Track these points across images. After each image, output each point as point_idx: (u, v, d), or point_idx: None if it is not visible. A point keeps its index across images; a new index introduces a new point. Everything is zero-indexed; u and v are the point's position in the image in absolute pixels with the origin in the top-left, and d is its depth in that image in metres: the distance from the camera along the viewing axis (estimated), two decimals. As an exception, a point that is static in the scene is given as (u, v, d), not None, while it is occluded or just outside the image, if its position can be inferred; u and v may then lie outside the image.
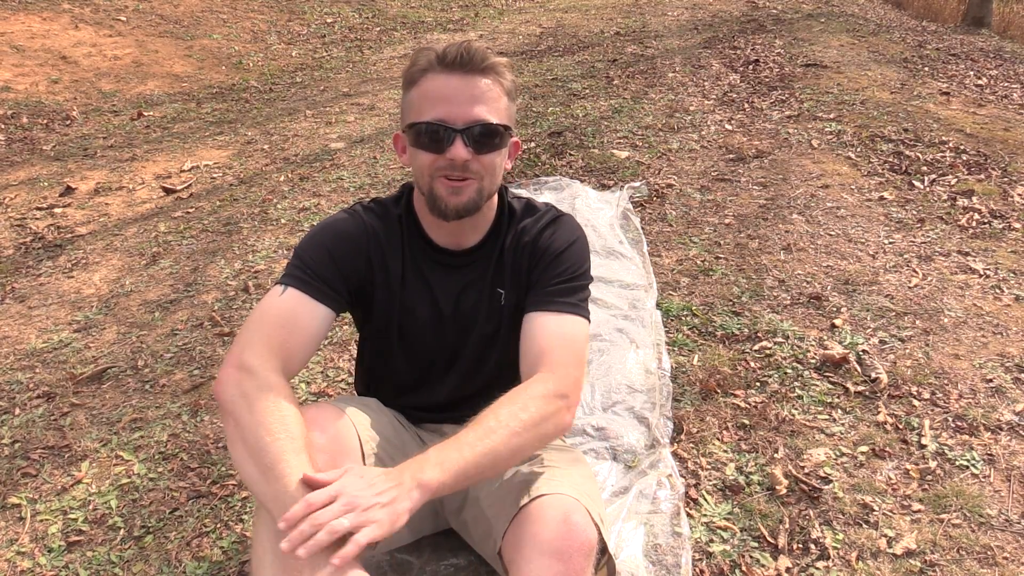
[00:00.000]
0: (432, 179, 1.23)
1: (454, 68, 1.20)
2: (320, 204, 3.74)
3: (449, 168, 1.21)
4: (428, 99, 1.21)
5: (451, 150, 1.19)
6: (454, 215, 1.25)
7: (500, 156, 1.25)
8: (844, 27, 7.51)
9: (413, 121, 1.23)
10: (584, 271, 1.35)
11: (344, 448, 1.21)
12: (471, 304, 1.37)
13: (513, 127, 1.28)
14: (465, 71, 1.20)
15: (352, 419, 1.28)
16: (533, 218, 1.39)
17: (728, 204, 3.45)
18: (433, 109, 1.20)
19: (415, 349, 1.40)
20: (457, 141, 1.19)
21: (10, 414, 2.25)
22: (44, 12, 7.16)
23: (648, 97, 5.31)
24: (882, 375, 2.16)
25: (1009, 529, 1.64)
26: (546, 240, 1.35)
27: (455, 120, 1.19)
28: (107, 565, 1.67)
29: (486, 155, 1.22)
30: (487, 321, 1.38)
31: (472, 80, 1.20)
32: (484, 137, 1.21)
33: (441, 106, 1.19)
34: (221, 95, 6.32)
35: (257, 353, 1.17)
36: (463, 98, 1.19)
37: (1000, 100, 4.98)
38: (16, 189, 4.14)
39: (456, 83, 1.20)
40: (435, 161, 1.21)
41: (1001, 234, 3.02)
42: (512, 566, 1.13)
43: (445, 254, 1.36)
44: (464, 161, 1.19)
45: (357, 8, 9.62)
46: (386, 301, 1.37)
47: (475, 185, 1.23)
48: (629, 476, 1.82)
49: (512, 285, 1.37)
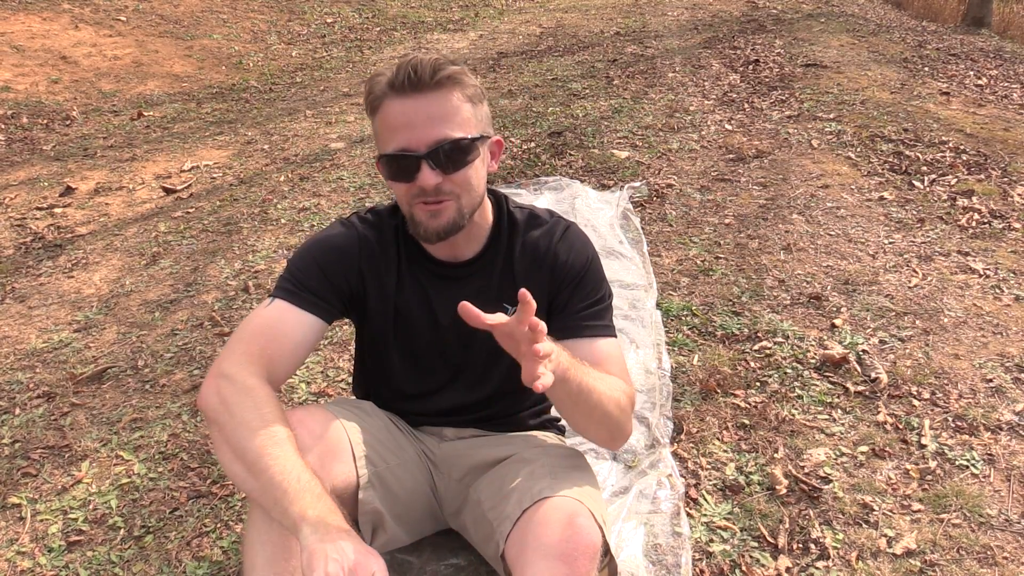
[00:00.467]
0: (411, 206, 1.21)
1: (405, 91, 1.15)
2: (320, 204, 3.74)
3: (423, 195, 1.18)
4: (388, 128, 1.18)
5: (419, 177, 1.16)
6: (436, 238, 1.22)
7: (474, 168, 1.21)
8: (844, 27, 7.51)
9: (380, 153, 1.21)
10: (607, 289, 1.36)
11: (333, 449, 1.21)
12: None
13: (486, 130, 1.24)
14: (416, 91, 1.15)
15: (342, 421, 1.28)
16: (542, 230, 1.35)
17: (728, 204, 3.45)
18: (394, 138, 1.17)
19: (414, 359, 1.39)
20: (423, 167, 1.15)
21: (10, 414, 2.25)
22: (44, 12, 7.16)
23: (648, 97, 5.31)
24: (882, 375, 2.16)
25: (1009, 529, 1.64)
26: (564, 258, 1.32)
27: (417, 146, 1.15)
28: (107, 565, 1.67)
29: (458, 172, 1.18)
30: (491, 335, 1.37)
31: (425, 99, 1.15)
32: (451, 155, 1.16)
33: (401, 134, 1.16)
34: (221, 95, 6.32)
35: (236, 361, 1.17)
36: (420, 120, 1.15)
37: (1000, 100, 4.98)
38: (16, 189, 4.14)
39: (411, 106, 1.15)
40: (409, 189, 1.19)
41: (1001, 234, 3.03)
42: (516, 569, 1.12)
43: (444, 266, 1.34)
44: (435, 185, 1.16)
45: (357, 8, 9.62)
46: (381, 312, 1.35)
47: (453, 205, 1.20)
48: (629, 476, 1.82)
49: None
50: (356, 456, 1.26)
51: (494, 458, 1.38)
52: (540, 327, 0.98)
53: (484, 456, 1.39)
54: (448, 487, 1.43)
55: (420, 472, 1.41)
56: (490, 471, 1.36)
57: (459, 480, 1.41)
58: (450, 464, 1.43)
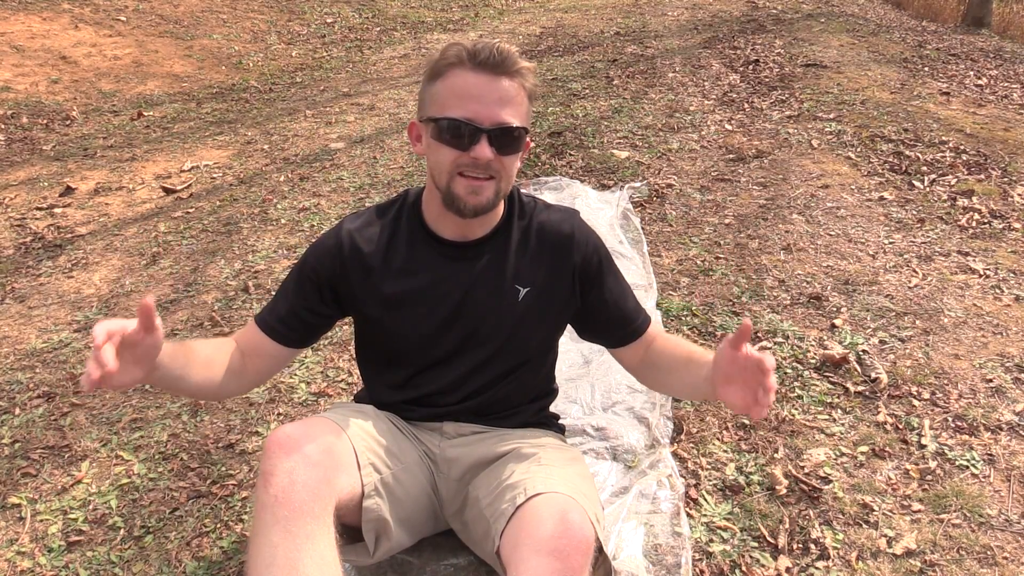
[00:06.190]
0: (451, 176, 1.24)
1: (485, 67, 1.20)
2: (320, 204, 3.73)
3: (471, 166, 1.21)
4: (455, 95, 1.21)
5: (476, 149, 1.20)
6: (471, 214, 1.26)
7: (518, 157, 1.28)
8: (844, 27, 7.51)
9: (436, 116, 1.23)
10: (615, 269, 1.46)
11: (339, 462, 1.21)
12: (482, 296, 1.36)
13: (529, 127, 1.30)
14: (495, 72, 1.20)
15: (346, 430, 1.28)
16: (558, 212, 1.43)
17: (728, 204, 3.45)
18: (460, 106, 1.20)
19: (419, 340, 1.39)
20: (483, 140, 1.20)
21: (10, 414, 2.25)
22: (44, 12, 7.16)
23: (648, 97, 5.31)
24: (882, 375, 2.16)
25: (1009, 529, 1.64)
26: (586, 235, 1.41)
27: (482, 120, 1.20)
28: (107, 565, 1.67)
29: (507, 156, 1.24)
30: (499, 314, 1.38)
31: (501, 82, 1.21)
32: (507, 139, 1.22)
33: (469, 104, 1.20)
34: (221, 95, 6.32)
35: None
36: (491, 99, 1.20)
37: (1000, 100, 4.98)
38: (16, 189, 4.14)
39: (486, 83, 1.20)
40: (458, 158, 1.22)
41: (1001, 234, 3.02)
42: (510, 565, 1.13)
43: (451, 246, 1.35)
44: (487, 161, 1.20)
45: (357, 8, 9.62)
46: (378, 297, 1.36)
47: (493, 187, 1.25)
48: (629, 476, 1.82)
49: (537, 282, 1.38)
50: (361, 465, 1.26)
51: (493, 455, 1.38)
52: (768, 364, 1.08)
53: (483, 453, 1.39)
54: (449, 487, 1.43)
55: (422, 474, 1.41)
56: (488, 468, 1.36)
57: (459, 479, 1.42)
58: (450, 464, 1.43)
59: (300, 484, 1.11)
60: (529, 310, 1.37)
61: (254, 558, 1.08)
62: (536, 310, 1.38)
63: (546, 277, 1.38)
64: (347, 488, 1.21)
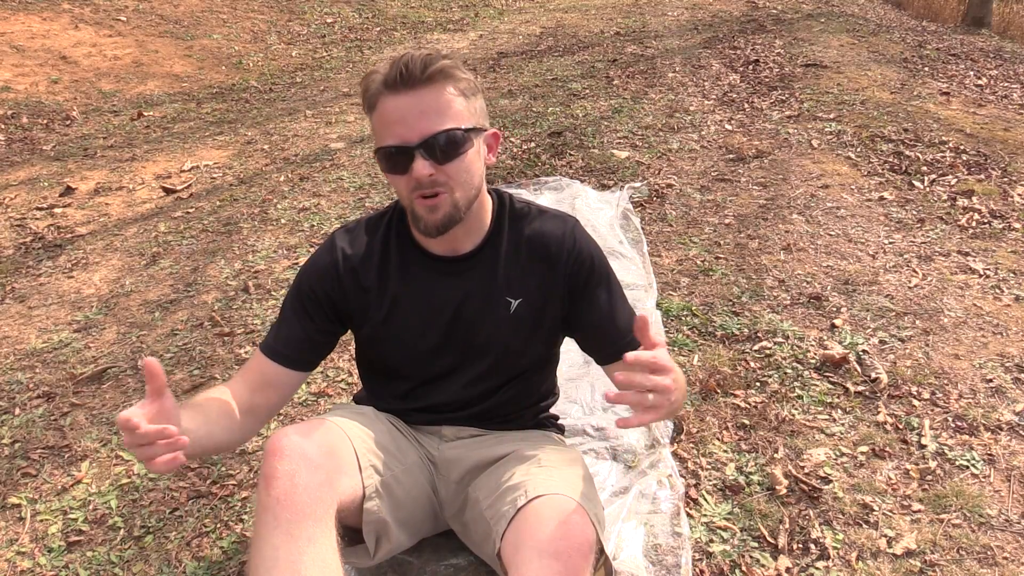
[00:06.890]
0: (412, 201, 1.23)
1: (398, 87, 1.18)
2: (320, 204, 3.73)
3: (419, 187, 1.20)
4: (383, 124, 1.21)
5: (413, 168, 1.18)
6: (436, 232, 1.24)
7: (468, 160, 1.22)
8: (844, 27, 7.51)
9: (376, 149, 1.23)
10: (615, 279, 1.40)
11: (340, 464, 1.21)
12: (474, 309, 1.35)
13: (481, 122, 1.26)
14: (409, 87, 1.18)
15: (347, 432, 1.28)
16: (552, 219, 1.38)
17: (728, 204, 3.45)
18: (389, 133, 1.19)
19: (415, 355, 1.39)
20: (416, 158, 1.17)
21: (10, 414, 2.25)
22: (44, 12, 7.16)
23: (648, 97, 5.31)
24: (882, 375, 2.16)
25: (1009, 529, 1.64)
26: (582, 243, 1.36)
27: (410, 139, 1.18)
28: (107, 565, 1.67)
29: (451, 163, 1.20)
30: (492, 327, 1.37)
31: (418, 94, 1.18)
32: (444, 146, 1.18)
33: (396, 128, 1.18)
34: (221, 95, 6.32)
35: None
36: (413, 115, 1.18)
37: (1000, 100, 4.98)
38: (16, 189, 4.14)
39: (404, 102, 1.18)
40: (407, 183, 1.21)
41: (1001, 234, 3.02)
42: (511, 567, 1.12)
43: (442, 261, 1.35)
44: (429, 176, 1.18)
45: (357, 8, 9.62)
46: (371, 312, 1.37)
47: (447, 198, 1.21)
48: (629, 476, 1.82)
49: (529, 292, 1.36)
50: (362, 467, 1.26)
51: (492, 457, 1.38)
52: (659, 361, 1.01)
53: (483, 455, 1.39)
54: (448, 489, 1.43)
55: (422, 475, 1.41)
56: (488, 470, 1.36)
57: (458, 481, 1.42)
58: (450, 466, 1.43)
59: (302, 487, 1.11)
60: (522, 321, 1.36)
61: (255, 561, 1.08)
62: (529, 321, 1.36)
63: (538, 287, 1.35)
64: (348, 490, 1.21)
